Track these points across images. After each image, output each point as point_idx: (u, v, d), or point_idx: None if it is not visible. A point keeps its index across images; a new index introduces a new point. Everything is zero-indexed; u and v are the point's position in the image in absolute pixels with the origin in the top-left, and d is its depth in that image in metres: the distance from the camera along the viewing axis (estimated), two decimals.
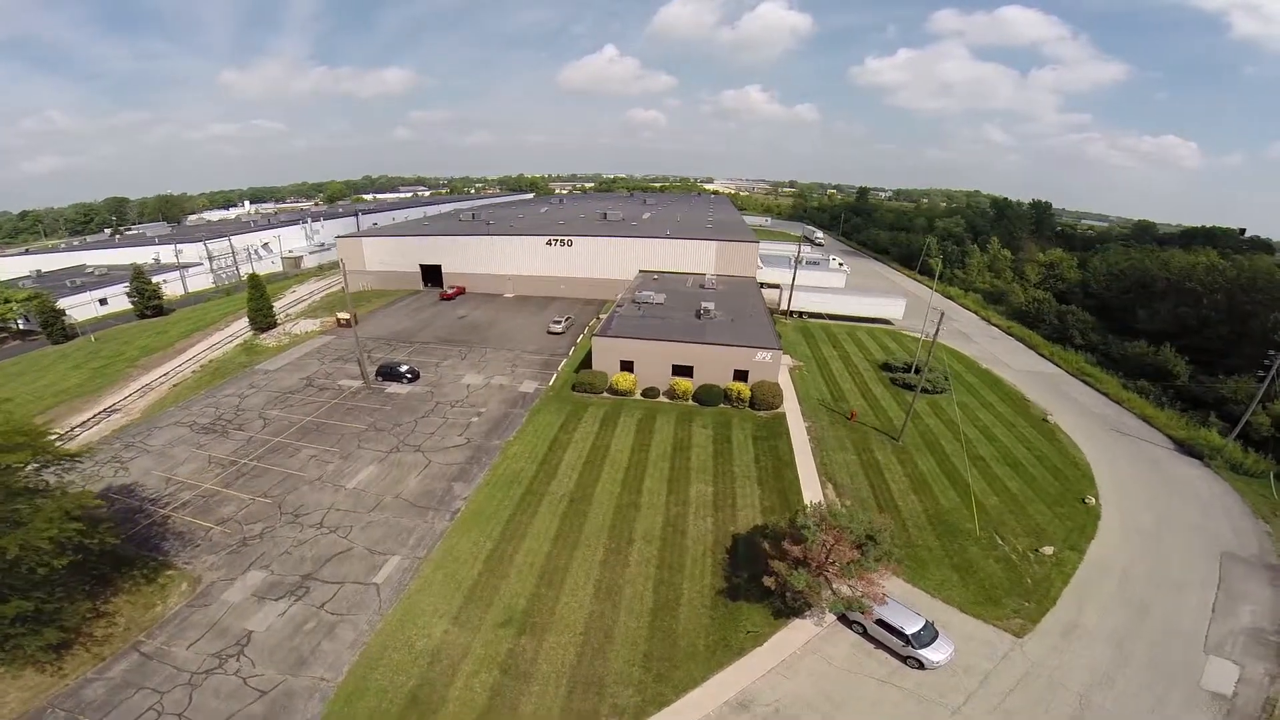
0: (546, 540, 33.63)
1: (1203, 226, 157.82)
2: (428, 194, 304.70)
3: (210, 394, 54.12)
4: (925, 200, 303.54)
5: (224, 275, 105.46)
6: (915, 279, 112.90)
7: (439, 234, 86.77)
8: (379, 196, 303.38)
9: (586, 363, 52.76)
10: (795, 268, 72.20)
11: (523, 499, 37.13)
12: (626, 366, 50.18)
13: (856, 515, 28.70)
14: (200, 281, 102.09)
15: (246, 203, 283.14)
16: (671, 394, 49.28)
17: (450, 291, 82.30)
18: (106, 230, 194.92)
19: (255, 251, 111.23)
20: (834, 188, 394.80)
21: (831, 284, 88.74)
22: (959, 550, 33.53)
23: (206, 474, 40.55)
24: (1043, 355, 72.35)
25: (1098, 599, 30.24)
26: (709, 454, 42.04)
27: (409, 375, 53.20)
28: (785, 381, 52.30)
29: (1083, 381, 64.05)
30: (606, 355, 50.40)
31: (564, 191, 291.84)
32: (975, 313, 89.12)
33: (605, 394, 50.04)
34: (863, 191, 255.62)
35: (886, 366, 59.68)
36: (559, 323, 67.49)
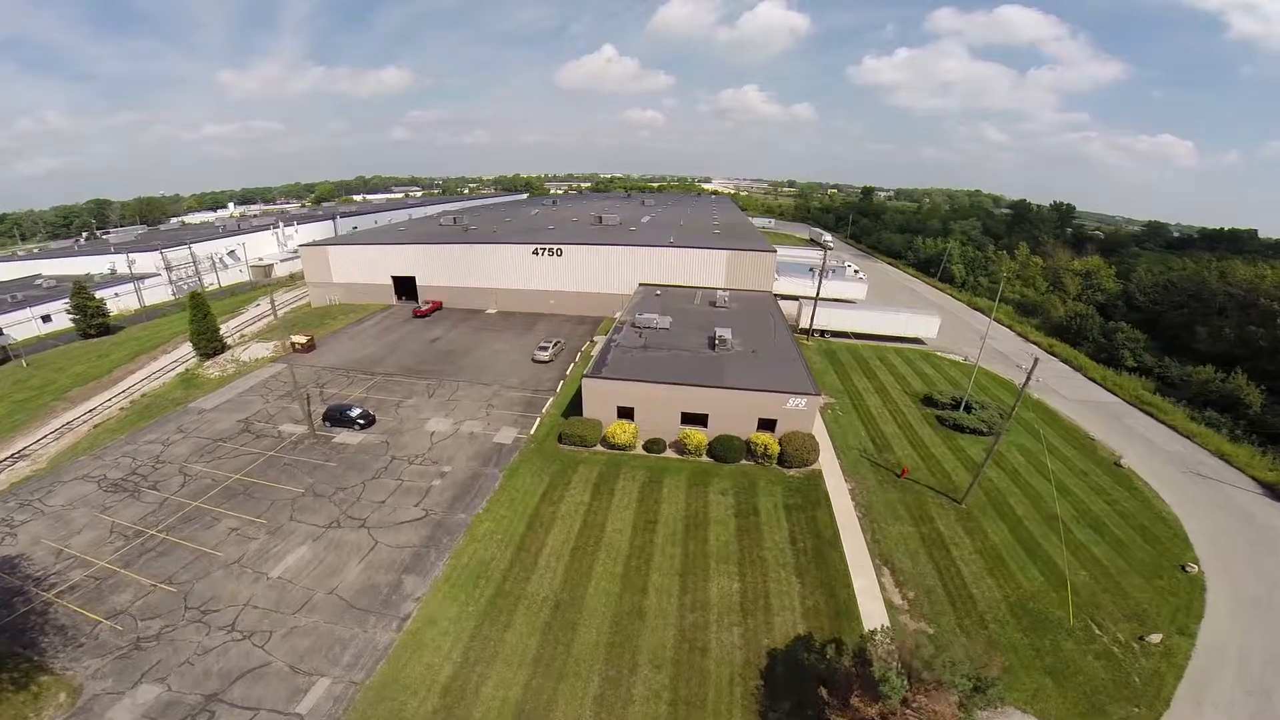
0: (523, 665, 25.54)
1: (1223, 229, 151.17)
2: (419, 194, 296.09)
3: (132, 438, 45.83)
4: (927, 200, 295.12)
5: (185, 286, 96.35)
6: (936, 287, 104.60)
7: (412, 242, 77.09)
8: (369, 198, 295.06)
9: (577, 404, 43.99)
10: (820, 280, 63.26)
11: (492, 603, 28.65)
12: (625, 413, 41.28)
13: (959, 664, 20.34)
14: (159, 294, 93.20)
15: (232, 204, 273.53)
16: (681, 448, 40.38)
17: (424, 308, 72.91)
18: (84, 234, 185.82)
19: (220, 260, 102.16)
20: (833, 187, 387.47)
21: (851, 295, 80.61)
22: (1051, 647, 27.29)
23: (105, 548, 33.05)
24: (1093, 380, 64.29)
25: (1216, 692, 25.43)
26: (731, 532, 33.49)
27: (362, 421, 44.41)
28: (819, 426, 43.66)
29: (1143, 412, 56.23)
30: (600, 400, 41.46)
31: (559, 192, 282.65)
32: (1010, 327, 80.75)
33: (599, 447, 41.22)
34: (867, 191, 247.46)
35: (930, 401, 51.24)
36: (545, 349, 58.04)
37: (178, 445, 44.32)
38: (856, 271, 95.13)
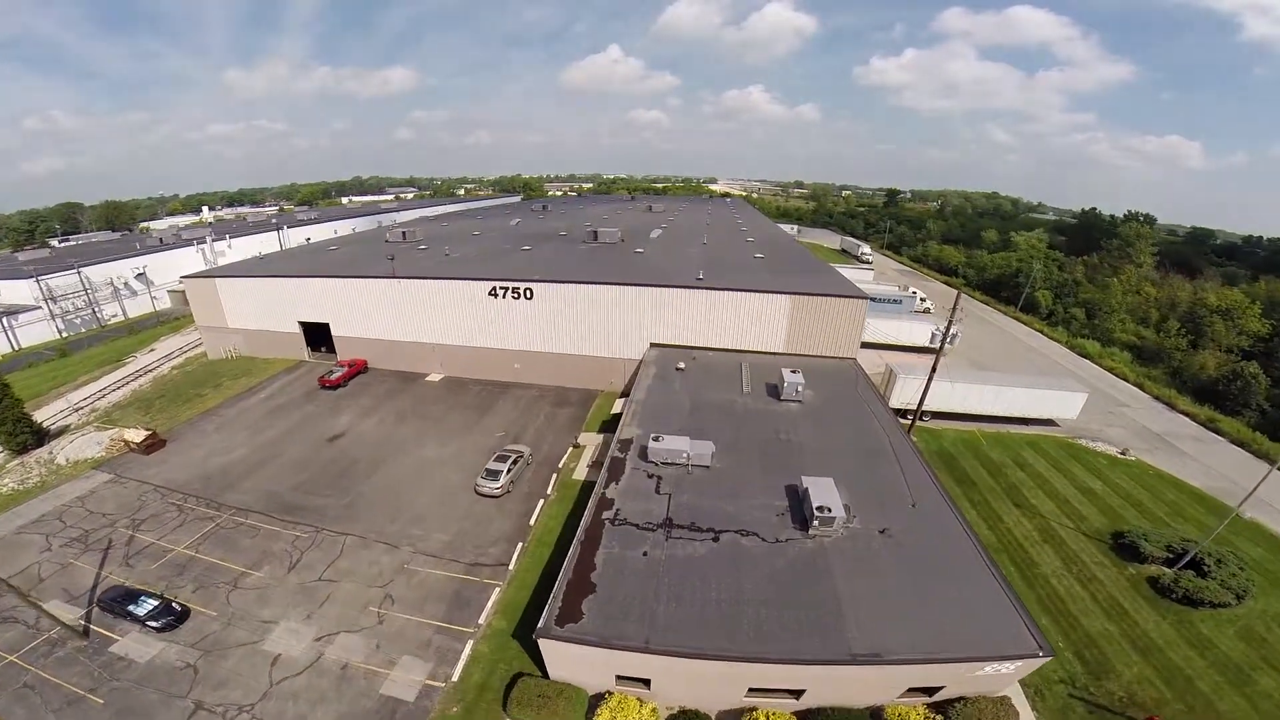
0: None
1: None
2: (411, 196, 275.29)
3: None
4: (942, 200, 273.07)
5: (78, 321, 76.69)
6: (1019, 320, 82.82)
7: (323, 275, 53.59)
8: (354, 199, 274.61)
9: (545, 592, 23.12)
10: (944, 339, 39.08)
11: None
12: (633, 679, 21.00)
13: None
14: (40, 332, 72.99)
15: (206, 208, 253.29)
16: None
17: (336, 375, 50.01)
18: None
19: (125, 285, 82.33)
20: (844, 188, 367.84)
21: (935, 342, 60.41)
22: None
23: None
24: None
25: None
26: None
27: (156, 624, 24.45)
28: None
29: None
30: (578, 669, 21.04)
31: (557, 194, 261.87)
32: (1140, 387, 60.23)
33: None
34: (891, 194, 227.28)
35: (1126, 547, 30.92)
36: (497, 472, 34.73)
37: None
38: (924, 300, 75.01)
